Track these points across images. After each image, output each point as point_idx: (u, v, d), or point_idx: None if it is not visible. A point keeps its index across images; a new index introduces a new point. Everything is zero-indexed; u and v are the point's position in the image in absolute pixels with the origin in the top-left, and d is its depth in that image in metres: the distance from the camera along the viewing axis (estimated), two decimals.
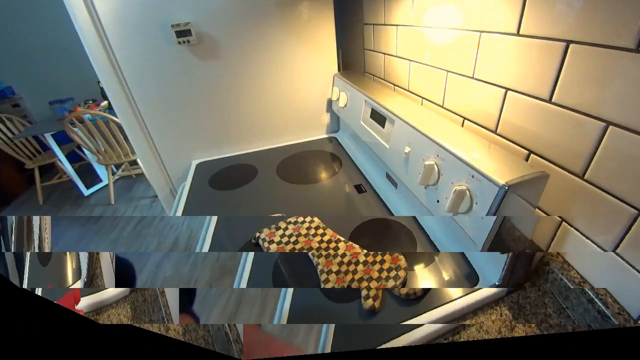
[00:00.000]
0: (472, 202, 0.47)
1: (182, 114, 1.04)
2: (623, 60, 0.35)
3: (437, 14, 0.66)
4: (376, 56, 0.99)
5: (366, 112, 0.88)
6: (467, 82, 0.61)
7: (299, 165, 1.05)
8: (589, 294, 0.48)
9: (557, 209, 0.48)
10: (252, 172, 1.04)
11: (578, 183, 0.44)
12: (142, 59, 0.92)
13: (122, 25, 0.87)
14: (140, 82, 0.95)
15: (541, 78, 0.46)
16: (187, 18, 0.89)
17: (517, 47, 0.48)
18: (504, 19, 0.49)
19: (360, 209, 0.80)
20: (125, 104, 0.97)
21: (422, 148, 0.60)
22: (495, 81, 0.54)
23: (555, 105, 0.44)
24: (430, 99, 0.76)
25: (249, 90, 1.06)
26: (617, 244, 0.42)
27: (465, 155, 0.49)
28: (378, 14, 0.91)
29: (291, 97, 1.12)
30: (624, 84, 0.36)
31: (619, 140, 0.38)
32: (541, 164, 0.49)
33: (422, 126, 0.62)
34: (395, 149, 0.71)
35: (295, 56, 1.04)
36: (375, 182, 0.90)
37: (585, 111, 0.41)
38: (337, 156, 1.08)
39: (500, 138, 0.56)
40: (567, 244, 0.50)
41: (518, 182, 0.42)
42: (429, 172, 0.55)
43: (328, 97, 1.16)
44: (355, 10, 1.06)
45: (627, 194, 0.38)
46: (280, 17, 0.96)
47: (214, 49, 0.96)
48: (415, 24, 0.74)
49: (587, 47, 0.39)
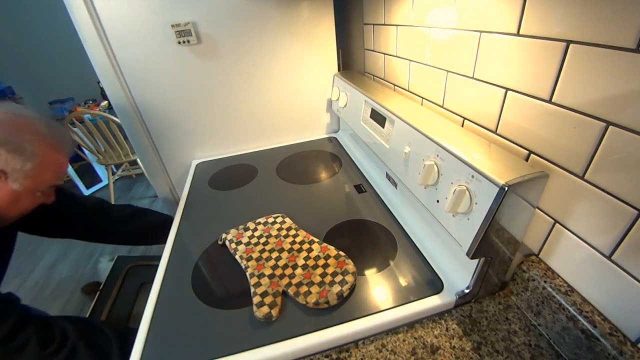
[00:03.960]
0: (472, 202, 0.47)
1: (182, 114, 1.04)
2: (623, 60, 0.35)
3: (437, 14, 0.66)
4: (376, 56, 0.99)
5: (366, 112, 0.88)
6: (467, 82, 0.61)
7: (299, 165, 1.05)
8: (569, 310, 0.45)
9: (557, 209, 0.48)
10: (252, 172, 1.04)
11: (578, 183, 0.44)
12: (142, 59, 0.92)
13: (122, 25, 0.87)
14: (140, 82, 0.95)
15: (541, 78, 0.46)
16: (187, 18, 0.89)
17: (517, 47, 0.48)
18: (504, 19, 0.49)
19: (360, 209, 0.80)
20: (125, 104, 0.97)
21: (422, 148, 0.60)
22: (495, 81, 0.54)
23: (555, 105, 0.44)
24: (430, 99, 0.76)
25: (248, 90, 1.06)
26: (615, 247, 0.41)
27: (465, 155, 0.49)
28: (378, 14, 0.91)
29: (291, 97, 1.12)
30: (624, 84, 0.36)
31: (619, 140, 0.38)
32: (541, 164, 0.49)
33: (422, 126, 0.62)
34: (395, 149, 0.71)
35: (295, 56, 1.04)
36: (375, 182, 0.90)
37: (585, 111, 0.41)
38: (337, 156, 1.08)
39: (500, 138, 0.56)
40: (560, 247, 0.49)
41: (518, 182, 0.42)
42: (429, 172, 0.55)
43: (328, 97, 1.16)
44: (355, 10, 1.06)
45: (627, 194, 0.38)
46: (280, 17, 0.96)
47: (214, 49, 0.96)
48: (415, 24, 0.74)
49: (587, 47, 0.39)
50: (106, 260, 1.38)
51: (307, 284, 0.57)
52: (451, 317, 0.54)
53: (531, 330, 0.51)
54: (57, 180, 0.68)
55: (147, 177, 2.62)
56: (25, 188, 0.61)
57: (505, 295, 0.57)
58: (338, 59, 1.11)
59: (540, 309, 0.51)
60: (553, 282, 0.49)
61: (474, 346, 0.49)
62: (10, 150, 0.57)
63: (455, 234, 0.51)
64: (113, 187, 2.63)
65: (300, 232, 0.70)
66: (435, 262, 0.62)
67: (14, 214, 0.65)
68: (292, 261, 0.62)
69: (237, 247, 0.68)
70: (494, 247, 0.49)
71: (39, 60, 3.04)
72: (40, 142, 0.61)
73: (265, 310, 0.53)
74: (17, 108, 0.63)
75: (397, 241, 0.68)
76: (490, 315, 0.54)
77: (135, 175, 2.97)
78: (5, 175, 0.59)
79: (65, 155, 0.69)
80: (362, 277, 0.60)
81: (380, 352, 0.50)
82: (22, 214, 0.67)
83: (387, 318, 0.53)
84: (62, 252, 2.08)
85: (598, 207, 0.42)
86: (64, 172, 0.70)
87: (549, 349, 0.48)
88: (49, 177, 0.65)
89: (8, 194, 0.60)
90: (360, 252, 0.66)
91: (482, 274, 0.52)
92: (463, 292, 0.55)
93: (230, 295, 0.60)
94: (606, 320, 0.43)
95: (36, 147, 0.60)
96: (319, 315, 0.53)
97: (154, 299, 0.61)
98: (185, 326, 0.55)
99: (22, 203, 0.63)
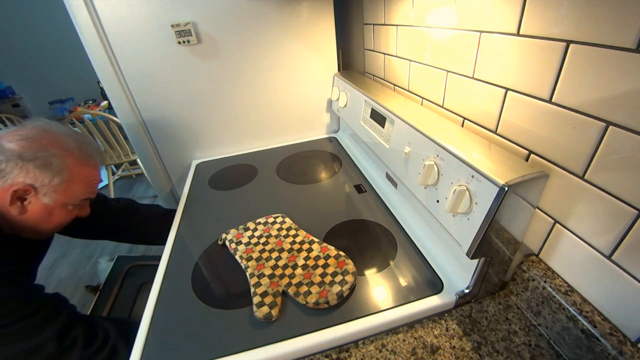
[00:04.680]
0: (472, 202, 0.47)
1: (182, 114, 1.04)
2: (623, 60, 0.35)
3: (437, 13, 0.66)
4: (376, 56, 0.99)
5: (366, 112, 0.88)
6: (467, 82, 0.61)
7: (299, 165, 1.05)
8: (569, 310, 0.45)
9: (557, 209, 0.48)
10: (252, 172, 1.04)
11: (578, 183, 0.44)
12: (142, 59, 0.92)
13: (122, 25, 0.87)
14: (140, 82, 0.95)
15: (541, 78, 0.46)
16: (187, 18, 0.89)
17: (517, 47, 0.48)
18: (504, 19, 0.49)
19: (360, 209, 0.80)
20: (125, 104, 0.97)
21: (422, 148, 0.60)
22: (495, 81, 0.54)
23: (555, 105, 0.44)
24: (430, 99, 0.76)
25: (248, 90, 1.06)
26: (615, 247, 0.41)
27: (465, 155, 0.49)
28: (378, 14, 0.91)
29: (291, 97, 1.12)
30: (624, 84, 0.36)
31: (619, 140, 0.38)
32: (541, 164, 0.49)
33: (422, 126, 0.62)
34: (395, 149, 0.71)
35: (295, 56, 1.04)
36: (375, 182, 0.90)
37: (585, 111, 0.41)
38: (337, 156, 1.08)
39: (500, 138, 0.56)
40: (560, 247, 0.49)
41: (518, 182, 0.42)
42: (429, 172, 0.55)
43: (328, 97, 1.16)
44: (355, 10, 1.06)
45: (627, 194, 0.38)
46: (280, 17, 0.96)
47: (214, 49, 0.96)
48: (415, 24, 0.74)
49: (587, 47, 0.39)
50: (106, 261, 1.38)
51: (307, 284, 0.57)
52: (451, 317, 0.54)
53: (531, 330, 0.51)
54: (89, 194, 0.69)
55: (147, 177, 2.62)
56: (56, 202, 0.63)
57: (505, 295, 0.57)
58: (338, 59, 1.11)
59: (540, 309, 0.51)
60: (553, 282, 0.49)
61: (474, 346, 0.49)
62: (39, 166, 0.59)
63: (455, 234, 0.51)
64: (113, 187, 2.63)
65: (300, 232, 0.70)
66: (435, 262, 0.62)
67: (49, 228, 0.66)
68: (292, 261, 0.62)
69: (237, 247, 0.68)
70: (494, 247, 0.49)
71: (39, 60, 3.05)
72: (67, 157, 0.63)
73: (265, 310, 0.53)
74: (46, 124, 0.64)
75: (397, 241, 0.68)
76: (490, 315, 0.54)
77: (135, 175, 2.97)
78: (35, 190, 0.60)
79: (95, 168, 0.69)
80: (362, 277, 0.60)
81: (380, 352, 0.50)
82: (58, 227, 0.68)
83: (387, 318, 0.53)
84: (62, 252, 2.08)
85: (598, 207, 0.42)
86: (96, 185, 0.71)
87: (549, 349, 0.48)
88: (80, 191, 0.66)
89: (40, 208, 0.62)
90: (360, 252, 0.65)
91: (482, 274, 0.52)
92: (463, 292, 0.55)
93: (230, 295, 0.60)
94: (606, 320, 0.43)
95: (64, 161, 0.62)
96: (319, 315, 0.53)
97: (154, 299, 0.61)
98: (185, 326, 0.55)
99: (56, 217, 0.65)
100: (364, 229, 0.73)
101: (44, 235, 0.69)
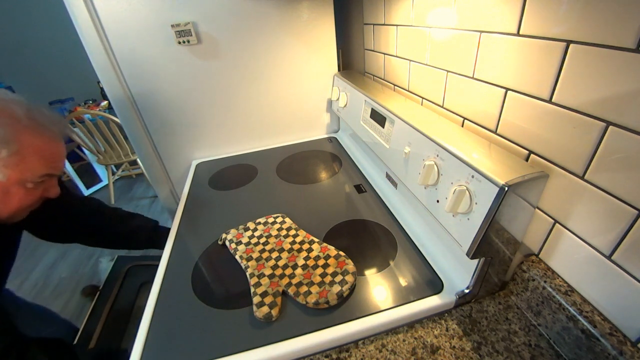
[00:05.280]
0: (472, 202, 0.47)
1: (182, 114, 1.04)
2: (623, 60, 0.35)
3: (437, 13, 0.66)
4: (376, 56, 0.99)
5: (366, 112, 0.88)
6: (467, 82, 0.61)
7: (299, 165, 1.05)
8: (569, 310, 0.45)
9: (557, 209, 0.48)
10: (252, 172, 1.04)
11: (578, 183, 0.44)
12: (142, 59, 0.92)
13: (122, 25, 0.87)
14: (141, 82, 0.95)
15: (541, 78, 0.46)
16: (187, 18, 0.89)
17: (517, 47, 0.48)
18: (504, 19, 0.49)
19: (360, 209, 0.80)
20: (125, 104, 0.97)
21: (422, 148, 0.60)
22: (495, 81, 0.54)
23: (555, 105, 0.44)
24: (430, 99, 0.76)
25: (248, 90, 1.06)
26: (615, 247, 0.41)
27: (465, 155, 0.49)
28: (378, 14, 0.91)
29: (291, 97, 1.12)
30: (624, 84, 0.36)
31: (619, 140, 0.38)
32: (541, 164, 0.49)
33: (422, 126, 0.62)
34: (395, 149, 0.71)
35: (295, 56, 1.04)
36: (375, 182, 0.90)
37: (585, 111, 0.41)
38: (337, 156, 1.08)
39: (500, 138, 0.56)
40: (560, 247, 0.49)
41: (518, 182, 0.42)
42: (429, 172, 0.55)
43: (328, 97, 1.16)
44: (355, 10, 1.06)
45: (627, 194, 0.38)
46: (280, 17, 0.96)
47: (213, 49, 0.96)
48: (415, 24, 0.74)
49: (587, 47, 0.39)
50: (106, 261, 1.38)
51: (307, 284, 0.57)
52: (451, 317, 0.54)
53: (531, 330, 0.51)
54: (49, 169, 0.60)
55: (147, 177, 2.62)
56: (9, 179, 0.55)
57: (505, 295, 0.57)
58: (338, 59, 1.11)
59: (540, 309, 0.51)
60: (553, 282, 0.49)
61: (474, 346, 0.49)
62: None
63: (455, 234, 0.51)
64: (113, 187, 2.63)
65: (300, 232, 0.70)
66: (435, 262, 0.62)
67: (9, 210, 0.59)
68: (292, 261, 0.62)
69: (237, 247, 0.68)
70: (494, 247, 0.49)
71: (39, 60, 3.04)
72: (16, 126, 0.55)
73: (265, 310, 0.53)
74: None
75: (397, 241, 0.68)
76: (490, 315, 0.54)
77: (135, 175, 2.97)
78: None
79: (52, 139, 0.60)
80: (362, 277, 0.60)
81: (380, 352, 0.50)
82: (20, 210, 0.60)
83: (387, 318, 0.52)
84: (62, 252, 2.08)
85: (598, 207, 0.42)
86: (57, 159, 0.62)
87: (549, 349, 0.48)
88: (36, 165, 0.58)
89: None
90: (360, 252, 0.65)
91: (482, 274, 0.52)
92: (463, 292, 0.55)
93: (230, 295, 0.60)
94: (606, 320, 0.43)
95: (11, 131, 0.54)
96: (319, 315, 0.53)
97: (154, 299, 0.61)
98: (185, 326, 0.55)
99: (14, 197, 0.57)
100: (364, 229, 0.73)
101: (4, 220, 0.60)
